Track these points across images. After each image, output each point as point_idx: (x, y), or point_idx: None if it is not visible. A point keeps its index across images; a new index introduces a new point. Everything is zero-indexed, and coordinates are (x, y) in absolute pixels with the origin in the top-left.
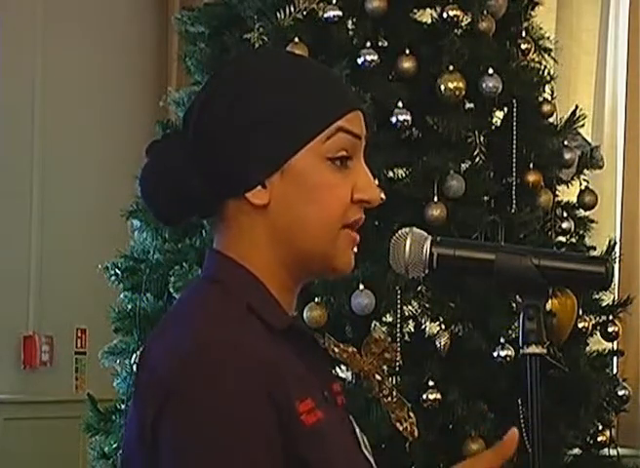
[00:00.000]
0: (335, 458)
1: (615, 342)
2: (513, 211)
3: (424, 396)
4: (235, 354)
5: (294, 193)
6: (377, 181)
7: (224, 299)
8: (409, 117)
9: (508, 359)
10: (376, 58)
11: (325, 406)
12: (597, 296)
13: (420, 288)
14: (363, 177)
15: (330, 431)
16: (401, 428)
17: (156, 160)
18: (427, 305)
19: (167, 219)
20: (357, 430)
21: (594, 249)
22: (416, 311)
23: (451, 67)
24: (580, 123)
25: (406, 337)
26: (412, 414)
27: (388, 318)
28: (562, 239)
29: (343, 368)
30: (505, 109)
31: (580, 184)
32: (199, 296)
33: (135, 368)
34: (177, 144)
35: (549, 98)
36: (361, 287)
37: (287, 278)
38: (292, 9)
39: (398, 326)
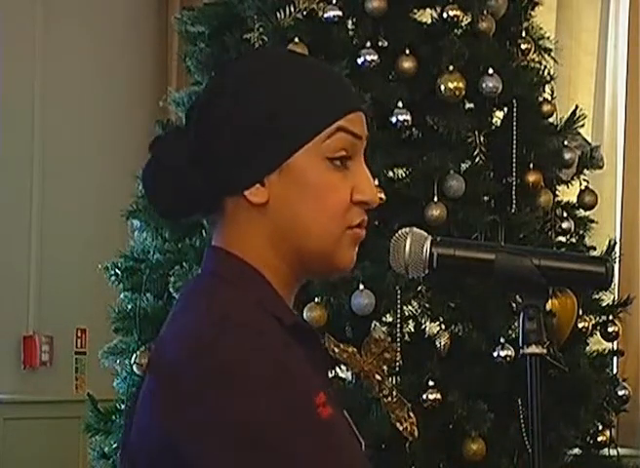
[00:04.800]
0: (348, 453)
1: (615, 342)
2: (513, 211)
3: (424, 396)
4: (256, 343)
5: (292, 192)
6: (377, 181)
7: (233, 292)
8: (409, 117)
9: (508, 359)
10: (376, 58)
11: (331, 402)
12: (597, 296)
13: (420, 288)
14: (362, 178)
15: (339, 426)
16: (401, 428)
17: (159, 157)
18: (427, 305)
19: (171, 217)
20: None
21: (594, 249)
22: (416, 311)
23: (451, 67)
24: (580, 123)
25: (406, 337)
26: (412, 414)
27: (388, 318)
28: (562, 239)
29: (343, 368)
30: (505, 109)
31: (580, 184)
32: (206, 289)
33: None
34: (179, 142)
35: (549, 98)
36: (361, 287)
37: (288, 275)
38: (292, 9)
39: (398, 326)
